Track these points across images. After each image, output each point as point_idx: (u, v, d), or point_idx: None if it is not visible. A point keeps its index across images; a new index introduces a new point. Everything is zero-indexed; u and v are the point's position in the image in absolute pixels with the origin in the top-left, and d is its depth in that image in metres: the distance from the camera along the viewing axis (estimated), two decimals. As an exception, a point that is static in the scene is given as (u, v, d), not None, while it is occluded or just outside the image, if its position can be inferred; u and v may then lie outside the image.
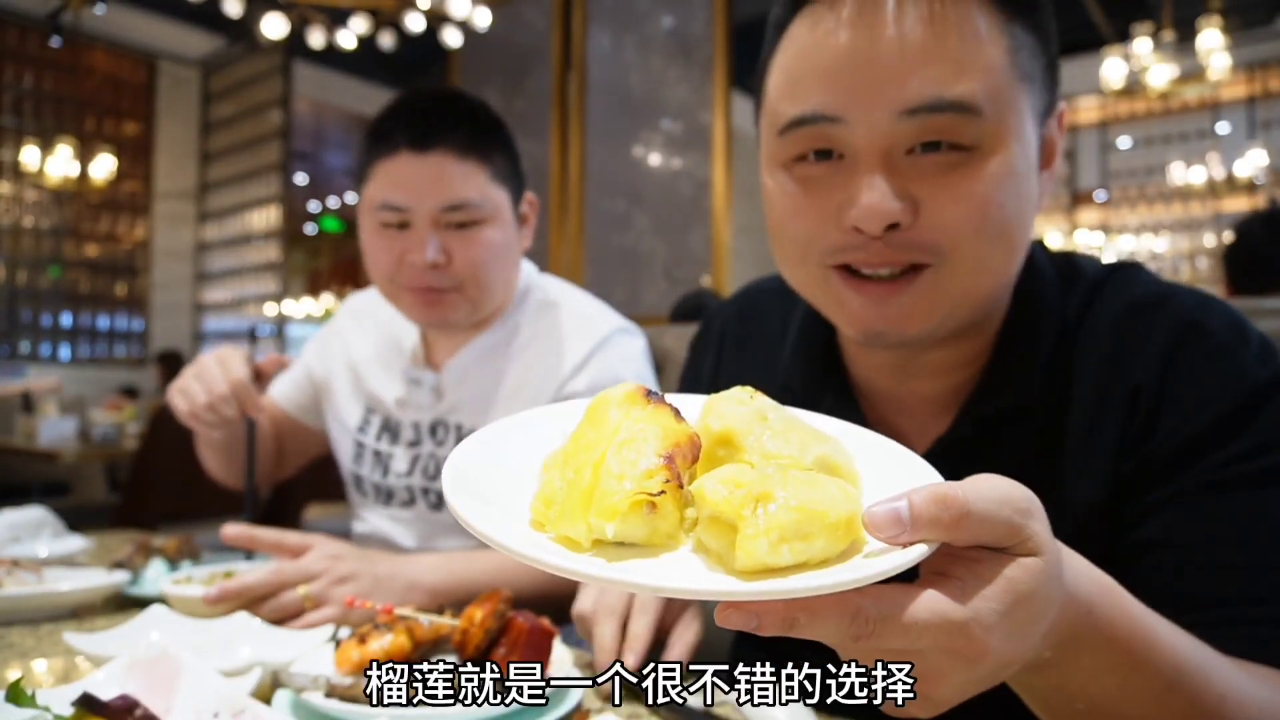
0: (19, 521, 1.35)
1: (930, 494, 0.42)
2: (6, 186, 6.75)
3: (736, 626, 0.40)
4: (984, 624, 0.42)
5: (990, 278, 0.69)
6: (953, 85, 0.63)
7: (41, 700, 0.63)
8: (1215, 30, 5.24)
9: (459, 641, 0.77)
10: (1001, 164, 0.65)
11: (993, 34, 0.65)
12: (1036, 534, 0.44)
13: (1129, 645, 0.50)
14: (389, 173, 1.23)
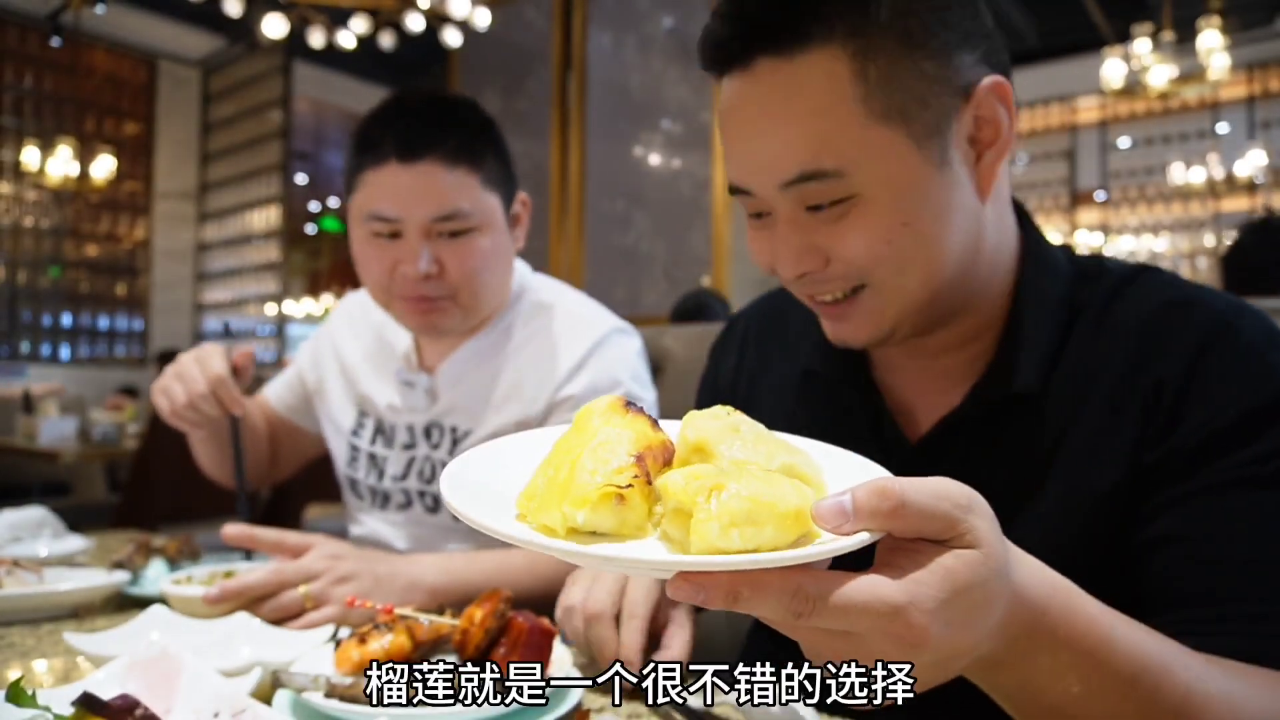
0: (19, 521, 1.35)
1: (870, 487, 0.45)
2: (6, 186, 6.75)
3: (685, 598, 0.43)
4: (921, 608, 0.44)
5: (922, 286, 0.74)
6: (810, 160, 0.70)
7: (42, 700, 0.63)
8: (1215, 30, 5.24)
9: (459, 641, 0.77)
10: (884, 201, 0.70)
11: (840, 87, 0.69)
12: (976, 528, 0.46)
13: (1086, 644, 0.52)
14: (377, 183, 1.21)
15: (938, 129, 0.71)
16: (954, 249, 0.73)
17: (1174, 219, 7.82)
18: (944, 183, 0.72)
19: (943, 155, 0.71)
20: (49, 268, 7.06)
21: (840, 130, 0.69)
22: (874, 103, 0.69)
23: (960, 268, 0.75)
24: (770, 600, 0.43)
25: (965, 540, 0.46)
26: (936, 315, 0.77)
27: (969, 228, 0.74)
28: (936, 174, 0.71)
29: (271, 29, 4.91)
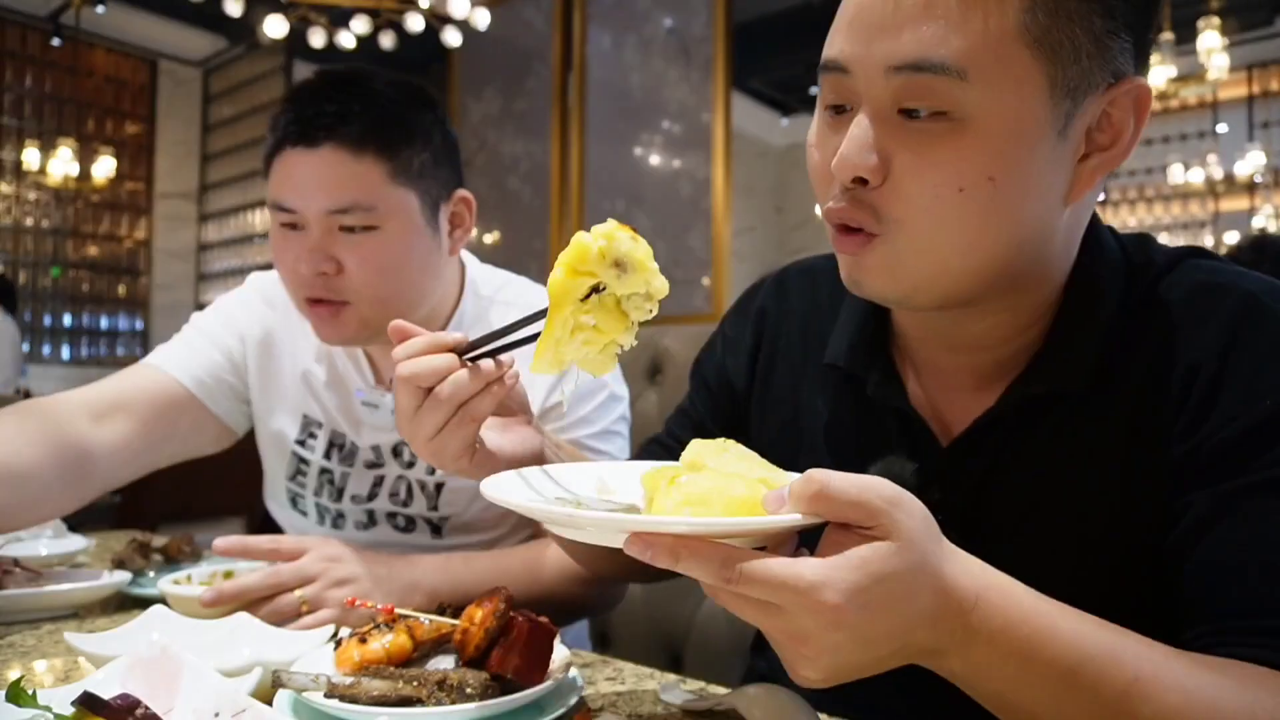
0: (20, 521, 1.34)
1: (803, 476, 0.52)
2: (7, 186, 6.75)
3: (637, 554, 0.51)
4: (834, 588, 0.49)
5: (960, 257, 0.66)
6: (938, 46, 0.60)
7: (42, 700, 0.64)
8: (1215, 31, 5.23)
9: (459, 641, 0.77)
10: (987, 137, 0.62)
11: None
12: (898, 522, 0.51)
13: (1022, 634, 0.54)
14: (279, 169, 1.12)
15: (1074, 92, 0.62)
16: (1014, 236, 0.66)
17: (1173, 219, 7.81)
18: (1050, 154, 0.64)
19: (1065, 124, 0.63)
20: (49, 268, 7.06)
21: (988, 27, 0.60)
22: (1034, 20, 0.60)
23: (1008, 262, 0.67)
24: (703, 564, 0.50)
25: (884, 531, 0.51)
26: (966, 298, 0.70)
27: (1041, 222, 0.67)
28: (1051, 139, 0.63)
29: (272, 29, 4.90)
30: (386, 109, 1.13)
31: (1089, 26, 0.62)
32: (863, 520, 0.51)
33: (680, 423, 1.01)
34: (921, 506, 0.53)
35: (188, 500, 3.62)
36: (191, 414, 1.27)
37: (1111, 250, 0.75)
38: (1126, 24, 0.63)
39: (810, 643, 0.51)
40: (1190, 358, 0.67)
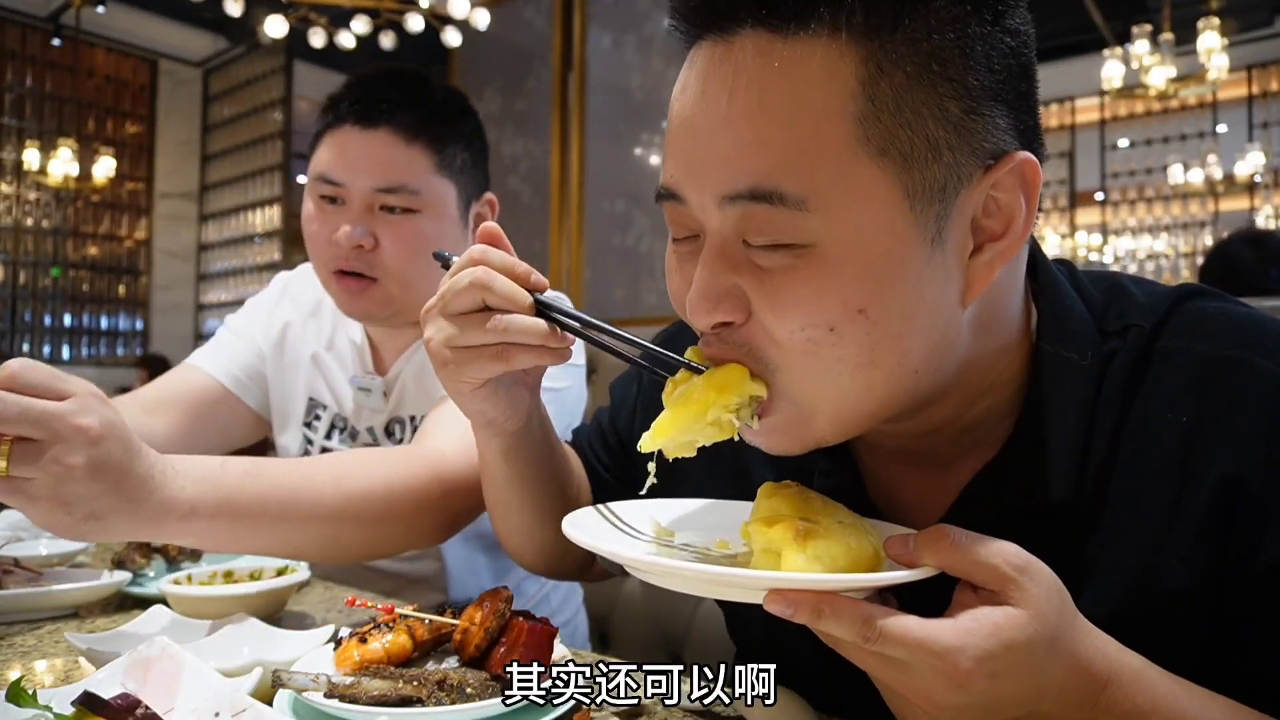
0: (20, 521, 1.35)
1: (932, 528, 0.52)
2: (7, 186, 6.76)
3: (778, 612, 0.49)
4: (969, 655, 0.48)
5: (855, 399, 0.58)
6: (771, 173, 0.53)
7: (43, 699, 0.64)
8: (1214, 31, 5.23)
9: (459, 641, 0.77)
10: (846, 269, 0.54)
11: (841, 92, 0.52)
12: (1026, 589, 0.50)
13: (1155, 717, 0.54)
14: (331, 145, 1.19)
15: (941, 192, 0.54)
16: (913, 360, 0.57)
17: (1173, 219, 7.82)
18: (927, 268, 0.55)
19: (938, 230, 0.55)
20: (50, 268, 7.06)
21: (821, 147, 0.53)
22: (873, 129, 0.53)
23: (917, 382, 0.59)
24: (845, 622, 0.49)
25: (1014, 599, 0.50)
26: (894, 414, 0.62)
27: (940, 334, 0.58)
28: (923, 252, 0.55)
29: (272, 29, 4.91)
30: (439, 107, 1.21)
31: (942, 116, 0.53)
32: (989, 583, 0.51)
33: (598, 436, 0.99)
34: (1053, 576, 0.52)
35: (188, 500, 3.62)
36: (228, 406, 1.39)
37: (1072, 306, 0.65)
38: (992, 97, 0.54)
39: (935, 702, 0.51)
40: (1225, 463, 0.58)
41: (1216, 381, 0.60)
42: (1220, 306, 0.65)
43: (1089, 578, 0.61)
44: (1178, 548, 0.60)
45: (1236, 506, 0.58)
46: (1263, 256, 2.49)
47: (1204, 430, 0.60)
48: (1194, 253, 7.67)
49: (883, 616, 0.49)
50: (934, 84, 0.53)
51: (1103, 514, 0.62)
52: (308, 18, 4.91)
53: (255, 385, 1.42)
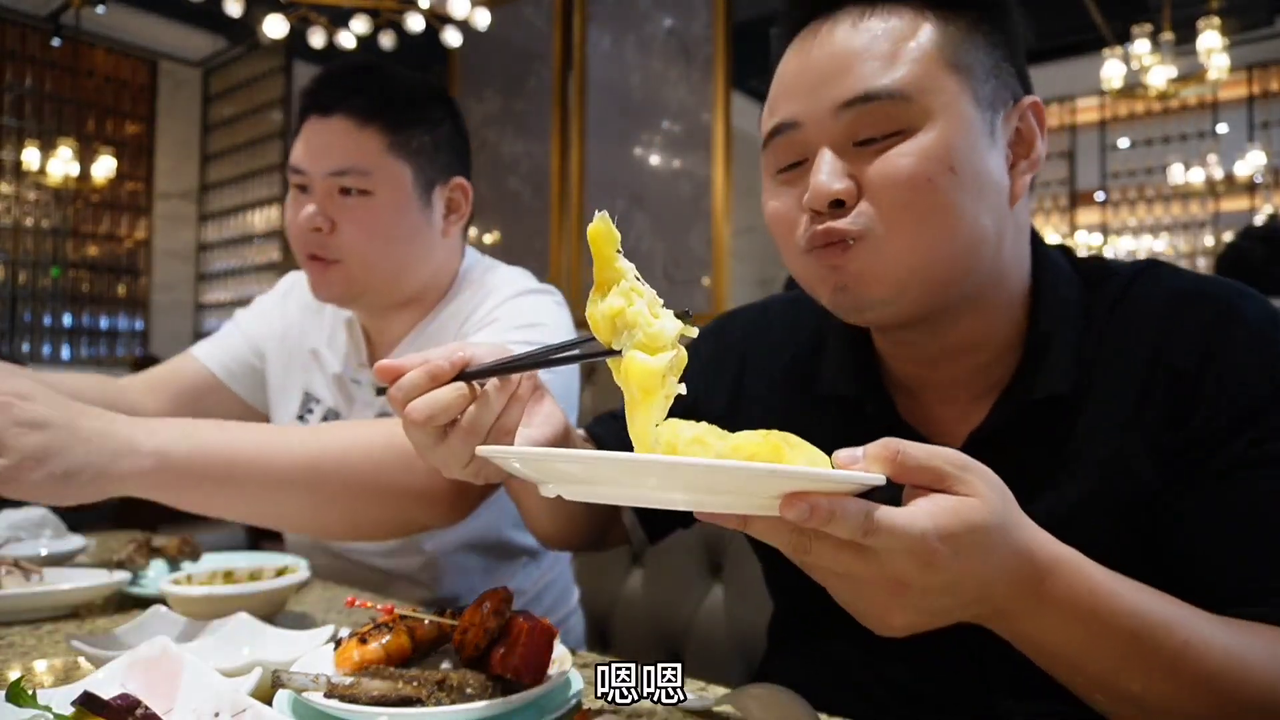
0: (20, 521, 1.35)
1: (879, 441, 0.56)
2: (7, 186, 6.75)
3: (794, 516, 0.51)
4: (936, 534, 0.53)
5: (929, 250, 0.74)
6: (879, 78, 0.73)
7: (42, 699, 0.64)
8: (1215, 31, 5.23)
9: (459, 641, 0.77)
10: (938, 138, 0.72)
11: (921, 30, 0.74)
12: (970, 483, 0.56)
13: (1090, 604, 0.60)
14: (300, 137, 1.25)
15: (991, 104, 0.75)
16: (980, 225, 0.74)
17: (1173, 219, 7.81)
18: (988, 152, 0.75)
19: (993, 132, 0.76)
20: (50, 268, 7.05)
21: (914, 59, 0.73)
22: (948, 51, 0.74)
23: (977, 255, 0.75)
24: (850, 520, 0.52)
25: (960, 490, 0.55)
26: (945, 302, 0.77)
27: (998, 216, 0.76)
28: (986, 139, 0.75)
29: (272, 29, 4.90)
30: (395, 91, 1.24)
31: (989, 55, 0.76)
32: (935, 482, 0.56)
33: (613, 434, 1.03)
34: (994, 475, 0.58)
35: (188, 500, 3.61)
36: (218, 396, 1.46)
37: (1061, 264, 0.83)
38: (1009, 54, 0.78)
39: (906, 588, 0.56)
40: (1173, 360, 0.74)
41: (1180, 305, 0.76)
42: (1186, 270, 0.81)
43: (1076, 463, 0.75)
44: (1144, 440, 0.73)
45: (1174, 393, 0.73)
46: (1273, 254, 2.49)
47: (1167, 341, 0.75)
48: (1194, 253, 7.67)
49: (873, 511, 0.53)
50: (985, 33, 0.76)
51: (1088, 409, 0.76)
52: (308, 18, 4.91)
53: (248, 378, 1.48)
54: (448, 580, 1.37)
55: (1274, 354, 0.72)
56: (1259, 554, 0.68)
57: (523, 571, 1.44)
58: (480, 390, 0.72)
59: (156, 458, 0.84)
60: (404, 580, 1.38)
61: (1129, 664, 0.61)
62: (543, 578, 1.46)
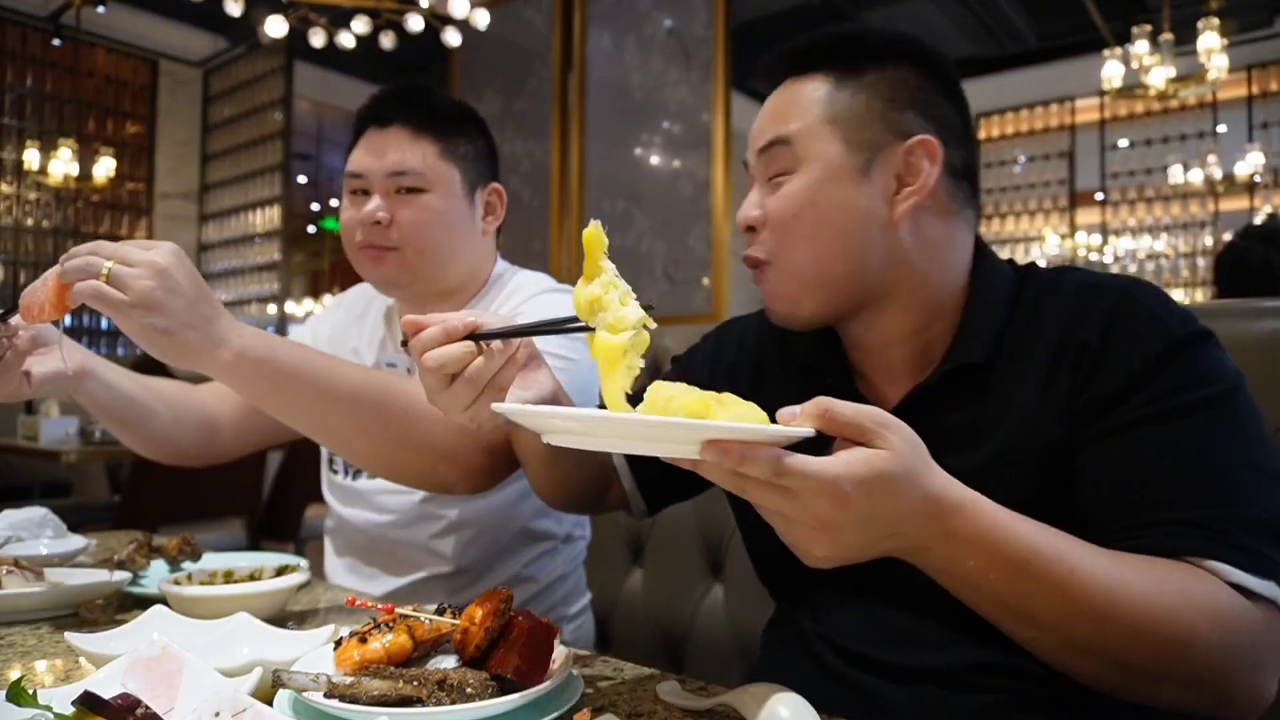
0: (20, 521, 1.35)
1: (814, 399, 0.66)
2: (7, 186, 6.76)
3: (709, 457, 0.64)
4: (848, 478, 0.64)
5: (813, 264, 0.92)
6: (777, 130, 0.94)
7: (42, 699, 0.64)
8: (1214, 31, 5.23)
9: (459, 641, 0.78)
10: (808, 178, 0.92)
11: (817, 90, 0.93)
12: (887, 438, 0.66)
13: (989, 537, 0.70)
14: (359, 146, 1.41)
15: (868, 148, 0.91)
16: (850, 245, 0.91)
17: (1173, 219, 7.81)
18: (860, 188, 0.91)
19: (867, 169, 0.91)
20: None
21: (802, 119, 0.93)
22: (832, 106, 0.92)
23: (855, 268, 0.92)
24: (762, 463, 0.63)
25: (877, 444, 0.66)
26: (849, 306, 0.94)
27: (873, 235, 0.92)
28: (857, 178, 0.91)
29: (272, 29, 4.91)
30: (441, 107, 1.44)
31: (869, 107, 0.92)
32: (856, 436, 0.66)
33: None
34: (910, 431, 0.68)
35: (188, 500, 3.62)
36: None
37: (1000, 268, 0.97)
38: (909, 102, 0.92)
39: (823, 524, 0.66)
40: (1080, 337, 0.86)
41: (1088, 294, 0.88)
42: (1096, 271, 0.93)
43: (994, 423, 0.88)
44: (1053, 403, 0.85)
45: (1080, 363, 0.85)
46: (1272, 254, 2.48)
47: (1075, 322, 0.87)
48: (1194, 253, 7.67)
49: (786, 458, 0.64)
50: (867, 94, 0.93)
51: (1006, 378, 0.89)
52: (308, 18, 4.91)
53: None
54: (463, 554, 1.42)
55: (1162, 330, 0.84)
56: (1143, 495, 0.79)
57: (538, 561, 1.47)
58: (485, 349, 0.87)
59: (236, 355, 1.01)
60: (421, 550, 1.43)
61: (1023, 588, 0.72)
62: (556, 570, 1.49)
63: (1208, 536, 0.75)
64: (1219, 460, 0.78)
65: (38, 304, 1.03)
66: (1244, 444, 0.79)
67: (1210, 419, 0.80)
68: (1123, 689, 0.75)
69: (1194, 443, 0.79)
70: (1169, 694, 0.74)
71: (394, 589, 1.43)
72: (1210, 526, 0.75)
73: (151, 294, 0.94)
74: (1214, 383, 0.81)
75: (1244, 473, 0.78)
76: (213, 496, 3.79)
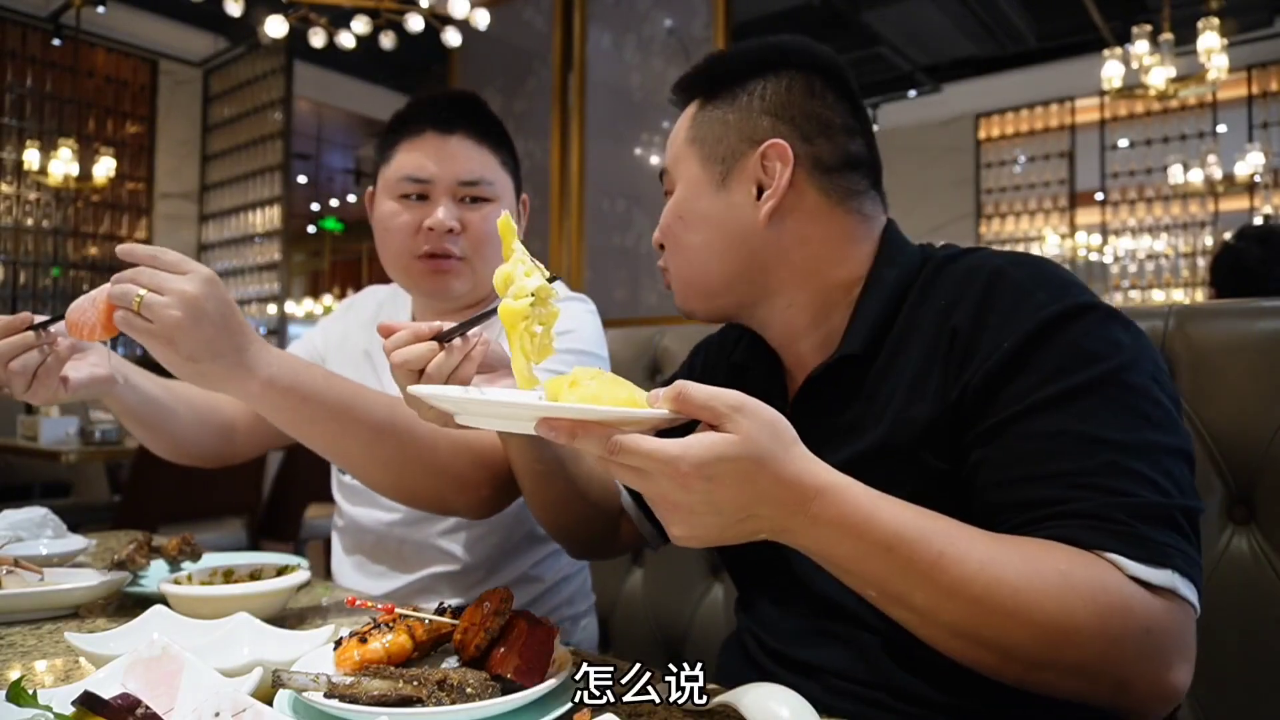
0: (20, 521, 1.35)
1: (674, 384, 0.68)
2: (7, 186, 6.76)
3: (545, 434, 0.67)
4: (687, 460, 0.65)
5: (689, 266, 1.00)
6: (663, 161, 1.04)
7: (42, 699, 0.64)
8: (1214, 31, 5.23)
9: (459, 641, 0.78)
10: (677, 196, 1.01)
11: (684, 116, 1.02)
12: (738, 423, 0.66)
13: (854, 520, 0.71)
14: (415, 149, 1.37)
15: (723, 160, 0.97)
16: (717, 249, 0.97)
17: (1173, 219, 7.81)
18: (717, 199, 0.97)
19: (724, 180, 0.97)
20: (50, 268, 7.06)
21: (675, 144, 1.02)
22: (691, 129, 1.00)
23: (731, 266, 0.97)
24: (592, 441, 0.66)
25: (728, 429, 0.66)
26: (736, 303, 0.99)
27: (740, 239, 0.96)
28: (713, 190, 0.97)
29: (272, 29, 4.90)
30: (494, 118, 1.46)
31: (724, 122, 0.98)
32: (711, 420, 0.67)
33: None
34: (771, 416, 0.68)
35: (188, 500, 3.62)
36: None
37: (908, 254, 0.97)
38: (766, 110, 0.96)
39: (673, 504, 0.68)
40: (953, 323, 0.85)
41: (967, 276, 0.88)
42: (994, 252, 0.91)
43: (878, 416, 0.88)
44: (929, 393, 0.85)
45: (953, 350, 0.84)
46: (1268, 255, 2.49)
47: (952, 308, 0.86)
48: (1194, 253, 7.67)
49: (622, 436, 0.66)
50: (722, 109, 0.99)
51: (887, 369, 0.90)
52: (308, 18, 4.91)
53: None
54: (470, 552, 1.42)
55: (1031, 306, 0.81)
56: (1032, 490, 0.77)
57: (545, 561, 1.47)
58: (445, 348, 0.92)
59: (263, 384, 1.02)
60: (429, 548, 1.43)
61: (892, 571, 0.72)
62: (562, 570, 1.49)
63: (1099, 528, 0.72)
64: (1107, 446, 0.75)
65: (88, 324, 1.05)
66: (1135, 423, 0.76)
67: (1094, 403, 0.76)
68: (1008, 675, 0.73)
69: (1080, 430, 0.76)
70: (1054, 681, 0.72)
71: (401, 586, 1.43)
72: (1101, 516, 0.73)
73: (179, 324, 0.95)
74: (1097, 361, 0.78)
75: (1136, 455, 0.74)
76: (213, 496, 3.79)
